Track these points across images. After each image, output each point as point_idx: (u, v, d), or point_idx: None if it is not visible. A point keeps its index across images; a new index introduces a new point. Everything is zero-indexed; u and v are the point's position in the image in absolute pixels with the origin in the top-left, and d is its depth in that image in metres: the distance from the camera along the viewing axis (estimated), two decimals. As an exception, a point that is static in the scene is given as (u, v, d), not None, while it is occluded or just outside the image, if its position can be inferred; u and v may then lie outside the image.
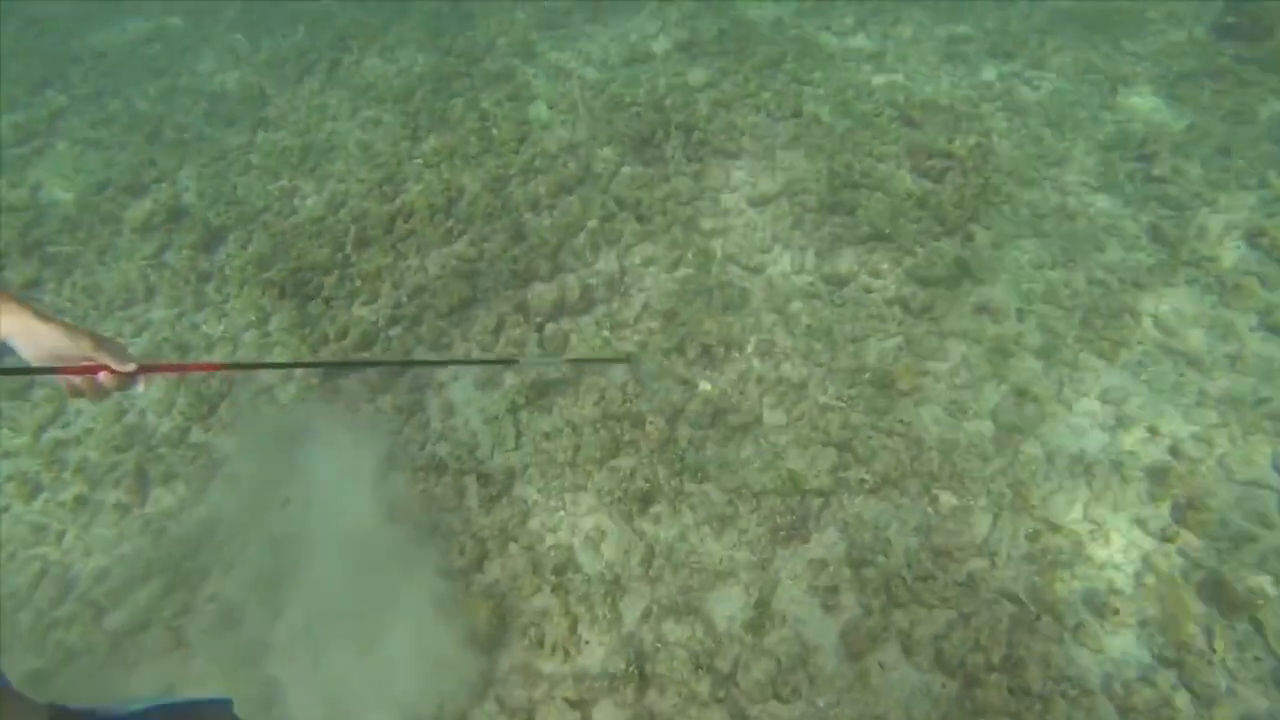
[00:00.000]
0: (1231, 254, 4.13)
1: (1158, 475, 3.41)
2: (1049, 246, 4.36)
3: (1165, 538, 3.25)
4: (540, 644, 3.10)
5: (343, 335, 4.26)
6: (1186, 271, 4.18)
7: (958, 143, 4.66)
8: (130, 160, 5.55)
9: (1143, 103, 5.09)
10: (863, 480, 3.44)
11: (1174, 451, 3.50)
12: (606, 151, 5.06)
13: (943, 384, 3.81)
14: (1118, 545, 3.25)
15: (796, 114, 5.20)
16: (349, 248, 4.72)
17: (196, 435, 3.99)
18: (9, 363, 1.46)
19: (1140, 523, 3.30)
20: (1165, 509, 3.33)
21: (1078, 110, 5.18)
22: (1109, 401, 3.70)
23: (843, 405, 3.72)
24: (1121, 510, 3.34)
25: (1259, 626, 2.92)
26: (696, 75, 5.64)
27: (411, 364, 3.26)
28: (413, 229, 4.75)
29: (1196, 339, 3.90)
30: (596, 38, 6.25)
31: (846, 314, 4.10)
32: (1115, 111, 5.13)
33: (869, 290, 4.20)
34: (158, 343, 4.40)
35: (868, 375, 3.80)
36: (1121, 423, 3.63)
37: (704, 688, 2.86)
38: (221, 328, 4.45)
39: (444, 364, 3.42)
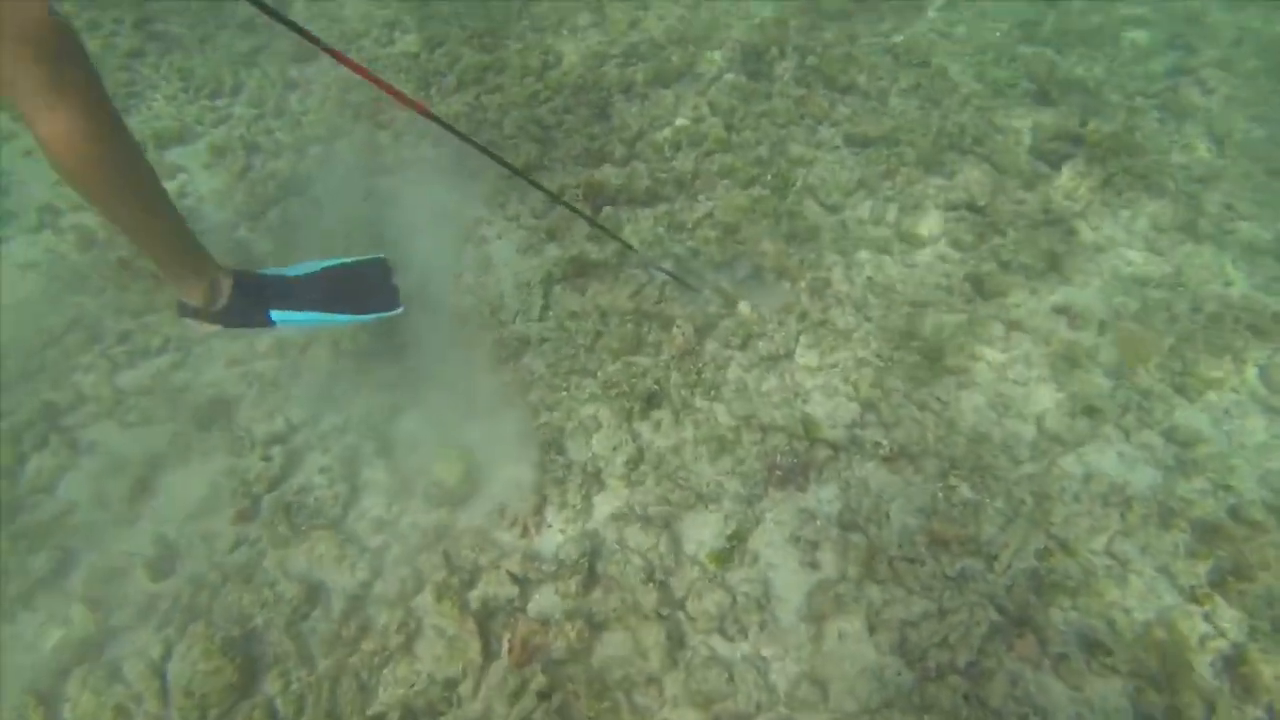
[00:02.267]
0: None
1: (1207, 532, 3.07)
2: (1161, 265, 3.91)
3: (1193, 598, 2.93)
4: (502, 514, 3.02)
5: (406, 167, 4.19)
6: (1322, 328, 3.70)
7: (1091, 127, 4.19)
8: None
9: (1338, 131, 4.47)
10: (879, 445, 3.20)
11: (1235, 513, 3.14)
12: (715, 55, 4.75)
13: (994, 374, 3.49)
14: (1135, 589, 2.95)
15: (924, 64, 4.78)
16: (433, 88, 4.60)
17: (242, 233, 4.00)
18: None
19: (1169, 574, 2.98)
20: (1203, 568, 3.00)
21: (1253, 129, 4.59)
22: (1175, 441, 3.33)
23: (881, 364, 3.45)
24: (1151, 554, 3.02)
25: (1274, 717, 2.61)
26: (832, 3, 5.22)
27: (558, 200, 3.13)
28: (500, 84, 4.59)
29: (1305, 404, 3.46)
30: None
31: (914, 277, 3.78)
32: (1302, 134, 4.53)
33: (945, 260, 3.86)
34: (233, 138, 4.40)
35: (916, 343, 3.51)
36: (1183, 467, 3.27)
37: (649, 601, 2.74)
38: (293, 137, 4.42)
39: (579, 213, 3.25)
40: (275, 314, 2.67)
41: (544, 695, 2.55)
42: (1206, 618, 2.87)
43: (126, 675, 2.57)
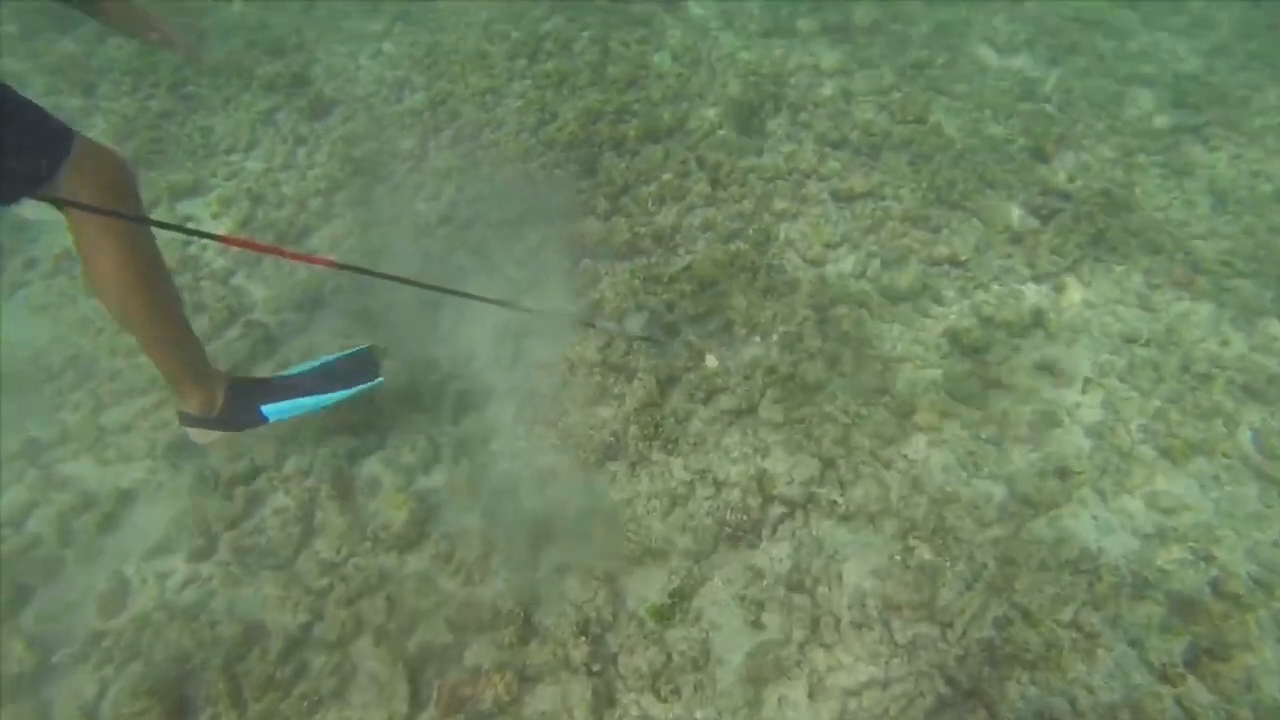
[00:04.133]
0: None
1: (1184, 606, 2.89)
2: (1153, 323, 3.78)
3: (1164, 677, 2.75)
4: (448, 560, 3.03)
5: (395, 221, 4.34)
6: (1320, 393, 3.51)
7: (1080, 183, 4.10)
8: (282, 26, 5.88)
9: (1352, 189, 4.31)
10: (835, 503, 3.12)
11: (1217, 587, 2.96)
12: (709, 112, 4.84)
13: (967, 432, 3.39)
14: (1101, 667, 2.78)
15: (920, 120, 4.78)
16: (430, 143, 4.79)
17: (238, 279, 4.18)
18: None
19: (1139, 648, 2.81)
20: (1178, 646, 2.82)
21: (1260, 184, 4.46)
22: (1157, 508, 3.18)
23: (847, 421, 3.39)
24: (1121, 629, 2.85)
25: (1240, 809, 2.42)
26: (830, 60, 5.30)
27: (472, 297, 3.04)
28: (497, 140, 4.75)
29: (1303, 471, 3.27)
30: (747, 3, 5.99)
31: (890, 332, 3.73)
32: (1308, 193, 4.37)
33: (925, 314, 3.80)
34: (240, 190, 4.64)
35: (887, 398, 3.44)
36: (1163, 535, 3.10)
37: (579, 655, 2.69)
38: (296, 189, 4.63)
39: (494, 302, 3.19)
40: (267, 408, 3.00)
41: (465, 748, 2.52)
42: (1178, 701, 2.69)
43: (55, 715, 2.62)
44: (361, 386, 3.16)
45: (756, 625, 2.88)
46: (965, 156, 4.53)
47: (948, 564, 3.00)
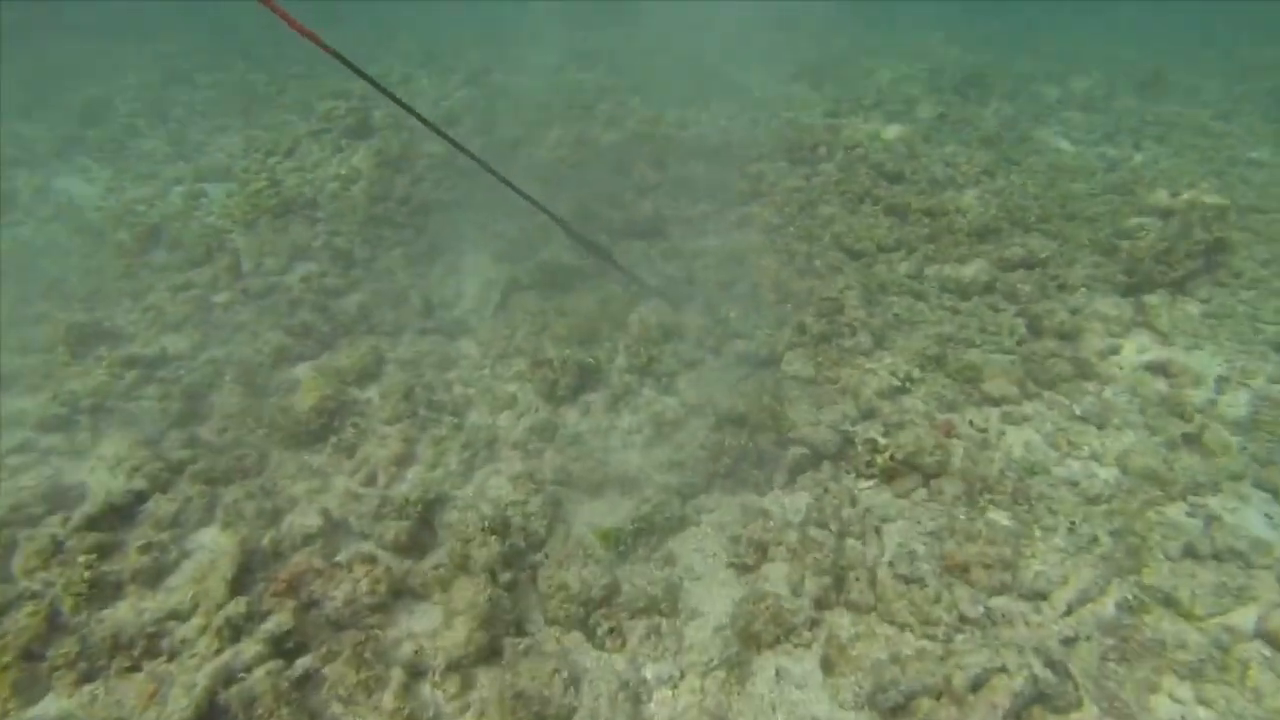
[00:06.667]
0: None
1: None
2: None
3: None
4: (352, 454, 2.29)
5: (404, 201, 4.04)
6: None
7: (1184, 197, 3.49)
8: (362, 85, 6.15)
9: None
10: (876, 448, 2.29)
11: None
12: (759, 148, 4.57)
13: (1056, 411, 2.56)
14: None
15: (989, 174, 4.34)
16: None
17: (234, 238, 3.85)
18: None
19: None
20: None
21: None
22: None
23: (897, 383, 2.61)
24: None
25: None
26: (892, 132, 5.07)
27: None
28: (531, 153, 4.56)
29: None
30: (812, 94, 5.99)
31: (953, 320, 3.04)
32: None
33: (994, 309, 3.11)
34: (262, 176, 4.47)
35: (949, 366, 2.68)
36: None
37: (482, 555, 1.85)
38: (317, 175, 4.45)
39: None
40: None
41: (280, 645, 1.65)
42: None
43: None
44: None
45: (748, 573, 1.98)
46: (1042, 196, 4.02)
47: (1038, 532, 2.08)
